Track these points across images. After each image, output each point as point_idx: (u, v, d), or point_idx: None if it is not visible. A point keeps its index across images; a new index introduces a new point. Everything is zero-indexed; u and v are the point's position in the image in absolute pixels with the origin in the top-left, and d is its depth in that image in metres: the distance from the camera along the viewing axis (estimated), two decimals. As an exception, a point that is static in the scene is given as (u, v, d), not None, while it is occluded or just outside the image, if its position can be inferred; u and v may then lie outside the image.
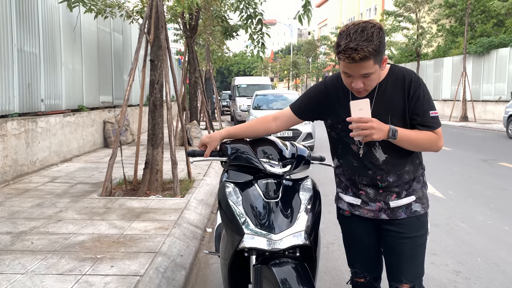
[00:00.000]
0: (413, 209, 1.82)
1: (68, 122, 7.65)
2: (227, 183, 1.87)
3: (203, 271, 3.36)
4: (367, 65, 1.58)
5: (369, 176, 1.80)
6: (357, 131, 1.59)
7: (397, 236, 1.83)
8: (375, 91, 1.74)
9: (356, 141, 1.76)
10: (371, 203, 1.83)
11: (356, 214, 1.89)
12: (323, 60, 41.35)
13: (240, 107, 17.42)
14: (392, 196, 1.80)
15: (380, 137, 1.62)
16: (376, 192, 1.82)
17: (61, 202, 4.71)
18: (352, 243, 1.99)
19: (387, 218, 1.82)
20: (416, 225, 1.82)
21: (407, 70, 1.76)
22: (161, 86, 5.32)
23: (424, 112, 1.71)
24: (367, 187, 1.83)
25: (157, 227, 3.92)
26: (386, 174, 1.78)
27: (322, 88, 1.90)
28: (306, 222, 1.73)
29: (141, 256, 3.21)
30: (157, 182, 5.29)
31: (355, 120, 1.59)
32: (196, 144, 9.88)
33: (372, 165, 1.79)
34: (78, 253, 3.24)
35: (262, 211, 1.75)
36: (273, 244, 1.67)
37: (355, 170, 1.85)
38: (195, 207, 4.71)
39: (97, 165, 7.13)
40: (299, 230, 1.71)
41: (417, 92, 1.70)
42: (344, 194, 1.94)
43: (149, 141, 5.32)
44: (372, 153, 1.78)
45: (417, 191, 1.83)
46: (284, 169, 1.87)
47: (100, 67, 9.62)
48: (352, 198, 1.90)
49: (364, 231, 1.92)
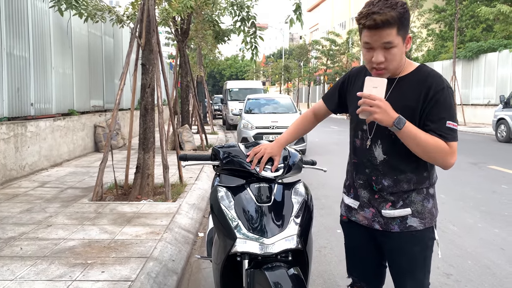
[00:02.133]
0: (408, 224, 1.67)
1: (58, 126, 7.58)
2: (219, 187, 1.86)
3: (195, 275, 3.34)
4: (390, 33, 1.47)
5: (366, 175, 1.72)
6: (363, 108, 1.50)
7: (392, 250, 1.73)
8: (393, 82, 1.63)
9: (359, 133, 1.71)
10: (365, 209, 1.75)
11: (352, 220, 1.83)
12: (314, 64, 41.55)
13: (232, 111, 17.42)
14: (386, 204, 1.68)
15: (383, 119, 1.49)
16: (370, 196, 1.72)
17: (51, 207, 4.66)
18: (350, 251, 1.92)
19: (380, 228, 1.71)
20: (412, 240, 1.67)
21: (434, 72, 1.63)
22: (152, 90, 5.30)
23: (440, 120, 1.55)
24: (362, 188, 1.75)
25: (149, 231, 3.89)
26: (382, 176, 1.67)
27: (347, 76, 1.85)
28: (298, 226, 1.73)
29: (132, 261, 3.19)
30: (149, 186, 5.26)
31: (365, 95, 1.50)
32: (188, 148, 9.84)
33: (370, 163, 1.70)
34: (68, 258, 3.20)
35: (255, 215, 1.74)
36: (265, 248, 1.67)
37: (354, 167, 1.79)
38: (187, 211, 4.69)
39: (88, 170, 7.07)
40: (291, 234, 1.71)
41: (436, 97, 1.55)
42: (346, 195, 1.86)
43: (140, 145, 5.29)
44: (372, 151, 1.69)
45: (416, 203, 1.66)
46: (276, 173, 1.87)
47: (91, 71, 9.56)
48: (352, 200, 1.81)
49: (361, 240, 1.82)
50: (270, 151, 1.88)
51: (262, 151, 1.88)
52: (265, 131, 9.84)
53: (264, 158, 1.87)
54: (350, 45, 33.95)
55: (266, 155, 1.87)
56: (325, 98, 1.98)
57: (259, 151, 1.88)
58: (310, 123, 2.04)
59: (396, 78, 1.64)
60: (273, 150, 1.89)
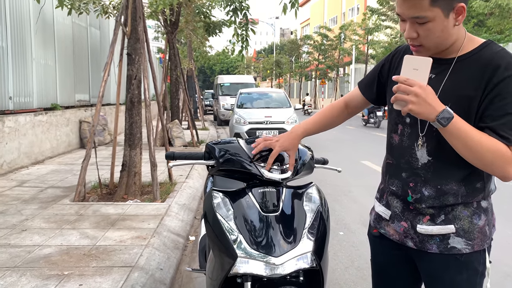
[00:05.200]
0: (450, 244, 1.29)
1: (40, 122, 7.15)
2: (215, 192, 1.52)
3: (186, 286, 3.00)
4: (419, 5, 1.15)
5: (401, 180, 1.35)
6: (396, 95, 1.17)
7: (429, 276, 1.36)
8: (451, 63, 1.26)
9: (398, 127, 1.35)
10: (396, 221, 1.39)
11: (382, 233, 1.47)
12: (306, 59, 41.26)
13: (223, 106, 17.05)
14: (424, 218, 1.31)
15: (422, 112, 1.14)
16: (404, 207, 1.36)
17: (28, 209, 4.27)
18: (377, 270, 1.55)
19: (414, 247, 1.35)
20: (455, 266, 1.29)
21: (503, 52, 1.21)
22: (139, 82, 4.93)
23: (504, 116, 1.16)
24: (395, 196, 1.38)
25: (134, 236, 3.54)
26: (422, 183, 1.30)
27: (390, 56, 1.48)
28: (312, 241, 1.41)
29: (115, 271, 2.83)
30: (135, 185, 4.90)
31: (400, 79, 1.16)
32: (178, 144, 9.46)
33: (408, 166, 1.33)
34: (42, 269, 2.84)
35: (259, 227, 1.41)
36: (273, 270, 1.34)
37: (387, 169, 1.43)
38: (177, 212, 4.34)
39: (72, 167, 6.67)
40: (305, 251, 1.38)
41: (501, 85, 1.16)
42: (378, 201, 1.49)
43: (126, 142, 4.92)
44: (413, 150, 1.31)
45: (462, 219, 1.28)
46: (285, 174, 1.54)
47: (76, 64, 9.11)
48: (383, 208, 1.45)
49: (392, 258, 1.46)
50: (282, 144, 1.52)
51: (273, 142, 1.52)
52: (258, 126, 9.51)
53: (274, 153, 1.51)
54: (342, 40, 33.69)
55: (277, 150, 1.51)
56: (362, 84, 1.57)
57: (269, 143, 1.53)
58: (340, 115, 1.63)
59: (450, 58, 1.26)
60: (286, 143, 1.53)
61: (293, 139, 1.55)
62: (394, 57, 1.45)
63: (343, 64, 35.53)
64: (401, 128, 1.35)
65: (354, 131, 15.20)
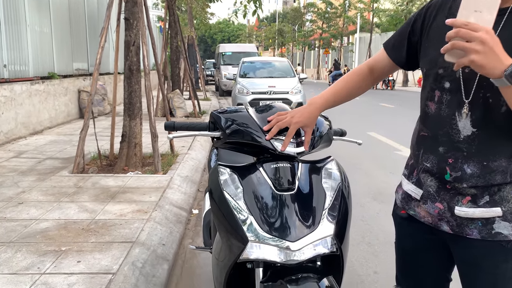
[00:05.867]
0: (495, 230, 1.10)
1: (36, 91, 6.93)
2: (221, 168, 1.34)
3: (189, 262, 2.88)
4: None
5: (437, 156, 1.14)
6: (454, 43, 0.92)
7: (467, 264, 1.18)
8: (504, 13, 1.03)
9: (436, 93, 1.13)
10: (430, 202, 1.19)
11: (411, 214, 1.28)
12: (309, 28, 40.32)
13: (225, 75, 16.70)
14: (463, 199, 1.12)
15: (487, 64, 0.91)
16: (440, 186, 1.16)
17: (25, 181, 4.13)
18: (403, 255, 1.38)
19: (450, 231, 1.16)
20: (500, 254, 1.11)
21: None
22: (137, 48, 4.68)
23: None
24: (429, 174, 1.17)
25: (135, 210, 3.40)
26: (464, 159, 1.09)
27: (424, 9, 1.22)
28: (333, 223, 1.24)
29: (115, 247, 2.71)
30: (136, 157, 4.74)
31: (458, 24, 0.92)
32: (180, 115, 9.25)
33: (447, 139, 1.11)
34: (38, 244, 2.71)
35: (272, 207, 1.24)
36: (288, 256, 1.18)
37: (421, 142, 1.21)
38: (179, 185, 4.20)
39: (71, 138, 6.50)
40: (325, 235, 1.21)
41: None
42: (406, 179, 1.29)
43: (126, 111, 4.73)
44: (454, 120, 1.10)
45: (511, 202, 1.09)
46: (300, 148, 1.35)
47: (73, 31, 8.79)
48: (413, 187, 1.25)
49: (421, 243, 1.28)
50: (298, 119, 1.32)
51: (287, 120, 1.32)
52: (261, 96, 9.26)
53: (291, 130, 1.31)
54: (346, 8, 32.76)
55: (294, 126, 1.31)
56: (389, 45, 1.33)
57: (283, 119, 1.33)
58: (364, 81, 1.39)
59: (504, 8, 1.03)
60: (304, 119, 1.33)
61: (310, 113, 1.35)
62: (428, 11, 1.21)
63: (348, 33, 34.72)
64: (439, 94, 1.14)
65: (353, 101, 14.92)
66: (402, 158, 5.65)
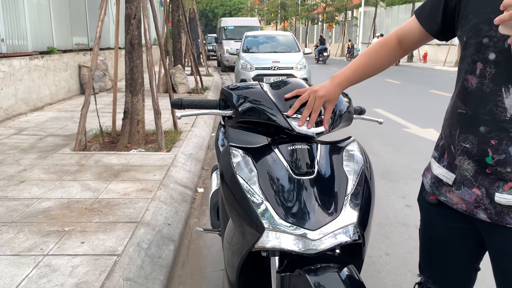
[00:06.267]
0: None
1: (36, 66, 6.78)
2: (234, 149, 1.24)
3: (196, 243, 2.82)
4: None
5: (478, 136, 1.02)
6: None
7: (504, 254, 1.07)
8: None
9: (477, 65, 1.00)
10: (465, 188, 1.07)
11: (442, 200, 1.15)
12: (313, 1, 39.43)
13: (227, 50, 16.41)
14: (505, 185, 1.00)
15: None
16: (478, 170, 1.04)
17: (26, 159, 4.05)
18: (428, 242, 1.27)
19: (488, 220, 1.06)
20: None
21: None
22: (138, 21, 4.51)
23: None
24: (466, 156, 1.05)
25: (139, 188, 3.33)
26: (510, 141, 0.97)
27: None
28: (357, 209, 1.14)
29: (119, 227, 2.64)
30: (139, 134, 4.64)
31: None
32: (182, 90, 9.10)
33: (491, 117, 0.99)
34: (41, 225, 2.65)
35: (290, 193, 1.14)
36: (308, 245, 1.09)
37: (458, 120, 1.07)
38: (183, 163, 4.11)
39: (72, 115, 6.39)
40: (348, 223, 1.12)
41: None
42: (437, 162, 1.17)
43: (127, 87, 4.60)
44: (498, 97, 0.98)
45: None
46: (320, 128, 1.24)
47: (71, 4, 8.54)
48: (444, 171, 1.13)
49: (452, 232, 1.18)
50: (323, 93, 1.21)
51: (311, 94, 1.21)
52: (265, 72, 9.07)
53: (318, 104, 1.20)
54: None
55: (320, 101, 1.20)
56: (421, 13, 1.17)
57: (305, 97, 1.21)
58: (392, 54, 1.25)
59: None
60: (327, 93, 1.21)
61: (335, 87, 1.23)
62: None
63: (352, 6, 33.93)
64: (481, 67, 1.00)
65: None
66: (409, 136, 5.54)
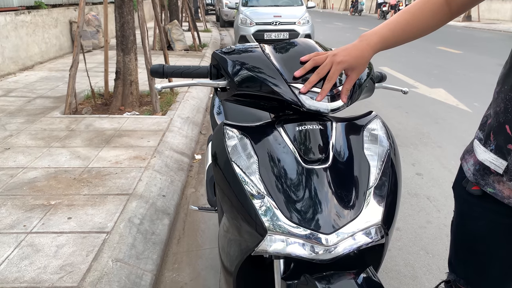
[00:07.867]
0: None
1: (23, 22, 6.38)
2: (228, 129, 1.00)
3: (192, 216, 2.64)
4: None
5: None
6: None
7: None
8: None
9: None
10: None
11: (488, 192, 0.93)
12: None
13: (226, 4, 15.70)
14: None
15: None
16: None
17: (13, 123, 3.82)
18: (463, 238, 1.06)
19: None
20: None
21: None
22: (128, -29, 4.12)
23: None
24: None
25: (132, 156, 3.12)
26: None
27: None
28: (383, 205, 0.92)
29: (110, 200, 2.45)
30: (132, 95, 4.37)
31: None
32: (179, 48, 8.70)
33: None
34: (25, 198, 2.46)
35: (299, 186, 0.91)
36: (321, 250, 0.88)
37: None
38: (180, 127, 3.88)
39: (63, 74, 6.07)
40: (372, 223, 0.90)
41: None
42: (482, 145, 0.92)
43: (118, 45, 4.28)
44: None
45: None
46: (336, 103, 0.98)
47: (58, -47, 7.98)
48: (494, 157, 0.89)
49: (497, 228, 0.97)
50: (343, 58, 0.95)
51: (328, 59, 0.95)
52: (266, 27, 8.62)
53: (334, 72, 0.94)
54: None
55: (337, 68, 0.95)
56: None
57: (321, 60, 0.96)
58: (437, 15, 0.98)
59: None
60: (351, 58, 0.95)
61: (362, 51, 0.96)
62: None
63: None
64: None
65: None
66: (418, 96, 5.27)
